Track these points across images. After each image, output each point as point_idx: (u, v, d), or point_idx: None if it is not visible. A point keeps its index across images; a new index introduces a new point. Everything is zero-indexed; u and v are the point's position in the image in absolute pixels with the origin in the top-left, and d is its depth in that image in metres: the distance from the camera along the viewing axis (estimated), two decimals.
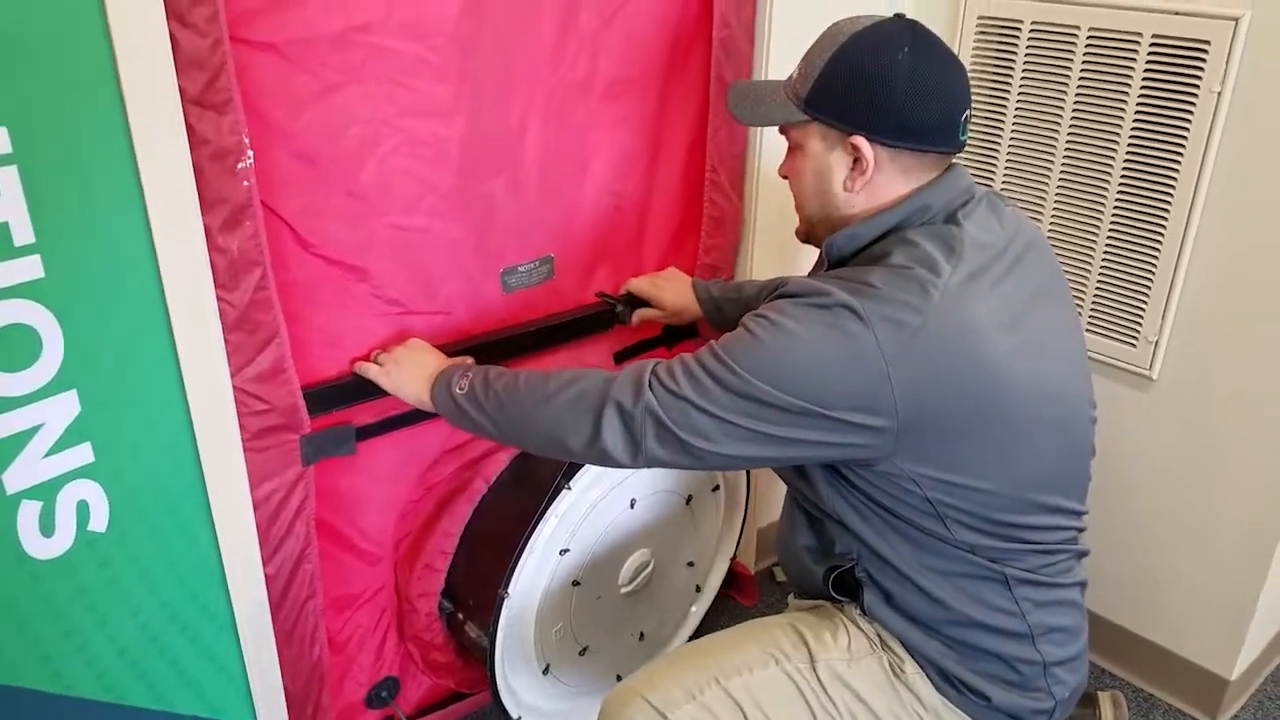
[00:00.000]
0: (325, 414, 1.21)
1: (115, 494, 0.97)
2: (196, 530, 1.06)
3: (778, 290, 0.98)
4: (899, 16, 1.00)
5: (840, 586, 1.08)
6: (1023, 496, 0.98)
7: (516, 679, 1.36)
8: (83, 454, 0.93)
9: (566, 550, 1.31)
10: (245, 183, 1.02)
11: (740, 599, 1.88)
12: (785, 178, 1.08)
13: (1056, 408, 0.99)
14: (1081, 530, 1.07)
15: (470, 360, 1.25)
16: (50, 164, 0.86)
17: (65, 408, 0.91)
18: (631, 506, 1.40)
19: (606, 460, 1.01)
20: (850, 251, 1.01)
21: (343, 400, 1.23)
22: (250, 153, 1.01)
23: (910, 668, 1.04)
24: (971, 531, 0.98)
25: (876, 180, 0.99)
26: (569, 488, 1.27)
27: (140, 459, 0.99)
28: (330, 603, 1.32)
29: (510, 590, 1.25)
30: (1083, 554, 1.08)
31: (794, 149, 1.05)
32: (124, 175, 0.92)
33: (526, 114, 1.27)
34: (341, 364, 1.23)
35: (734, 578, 1.81)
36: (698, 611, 1.66)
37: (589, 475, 1.29)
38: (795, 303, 0.94)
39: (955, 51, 1.02)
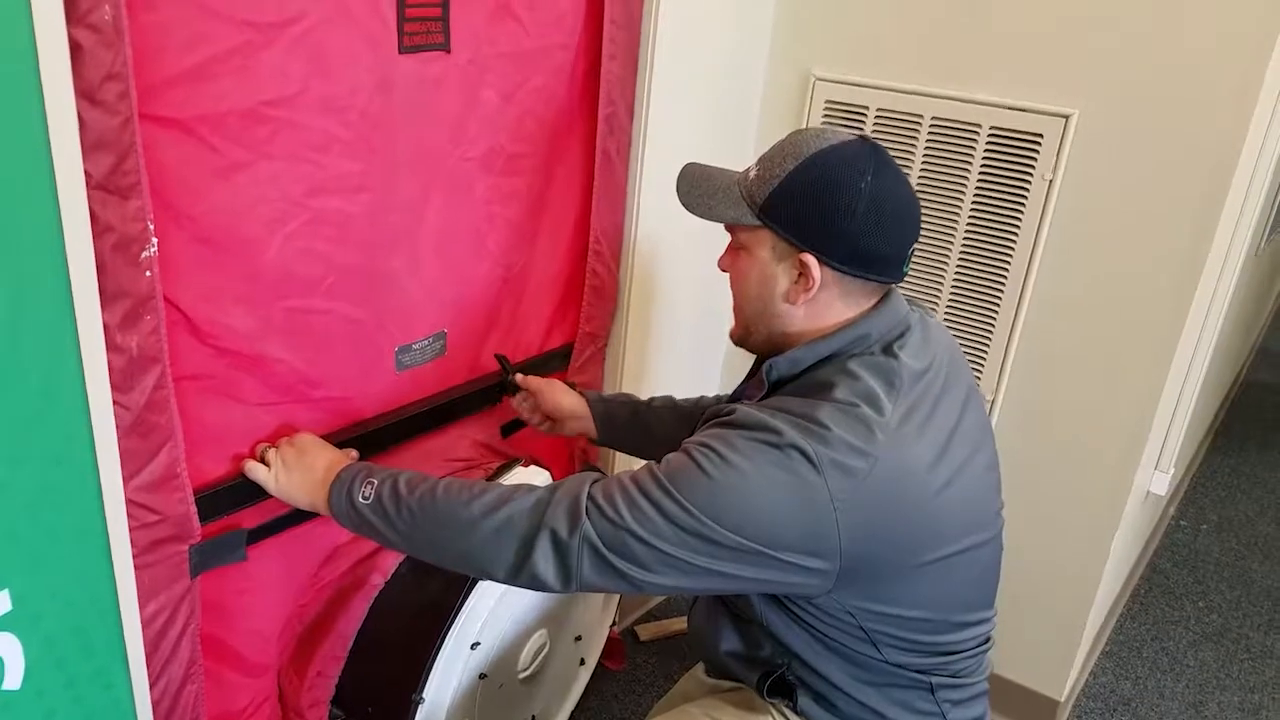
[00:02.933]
0: (215, 519, 1.13)
1: (31, 645, 0.85)
2: (113, 673, 0.96)
3: (721, 417, 0.97)
4: (863, 139, 1.01)
5: (774, 688, 1.10)
6: (950, 619, 1.03)
7: None
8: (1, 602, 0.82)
9: (478, 644, 1.29)
10: (148, 273, 0.94)
11: (609, 664, 1.91)
12: (724, 271, 1.09)
13: (980, 532, 1.03)
14: (993, 625, 1.13)
15: (355, 454, 1.19)
16: None
17: None
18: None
19: (534, 586, 0.97)
20: (790, 375, 1.02)
21: (234, 503, 1.15)
22: (155, 240, 0.94)
23: None
24: (901, 653, 1.02)
25: (819, 299, 1.01)
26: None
27: (59, 601, 0.88)
28: None
29: (425, 695, 1.21)
30: (990, 643, 1.14)
31: (738, 248, 1.06)
32: (56, 269, 0.83)
33: (429, 190, 1.26)
34: (231, 463, 1.15)
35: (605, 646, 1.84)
36: (579, 687, 1.68)
37: None
38: (745, 437, 0.93)
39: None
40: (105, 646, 0.96)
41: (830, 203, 0.97)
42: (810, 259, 0.98)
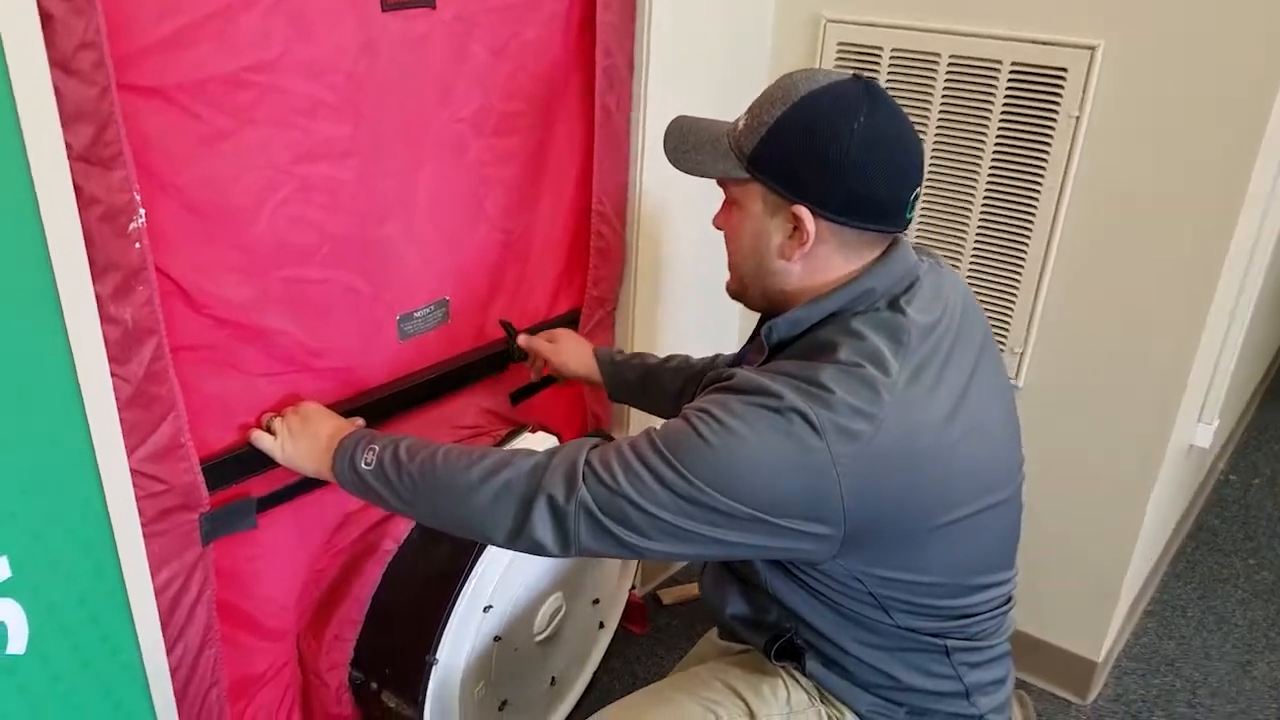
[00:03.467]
0: (223, 488, 1.15)
1: (34, 611, 0.88)
2: (120, 639, 0.98)
3: (721, 382, 0.95)
4: (857, 77, 0.96)
5: (781, 652, 1.10)
6: (964, 582, 1.01)
7: None
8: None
9: (490, 607, 1.30)
10: (137, 244, 0.95)
11: (632, 628, 1.93)
12: (719, 229, 1.06)
13: (997, 492, 0.99)
14: (1014, 585, 1.10)
15: (361, 422, 1.20)
16: None
17: None
18: None
19: (534, 550, 0.97)
20: (790, 336, 0.99)
21: (242, 472, 1.16)
22: (142, 211, 0.95)
23: None
24: (913, 617, 1.00)
25: (816, 253, 0.97)
26: None
27: (61, 568, 0.91)
28: (232, 686, 1.25)
29: (439, 657, 1.23)
30: (1012, 603, 1.11)
31: (730, 203, 1.03)
32: (33, 244, 0.84)
33: (420, 154, 1.26)
34: (237, 432, 1.16)
35: (625, 607, 1.85)
36: (600, 650, 1.69)
37: None
38: (744, 401, 0.90)
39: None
40: (111, 614, 0.99)
41: (821, 148, 0.93)
42: (803, 211, 0.94)
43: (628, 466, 0.92)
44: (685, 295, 1.81)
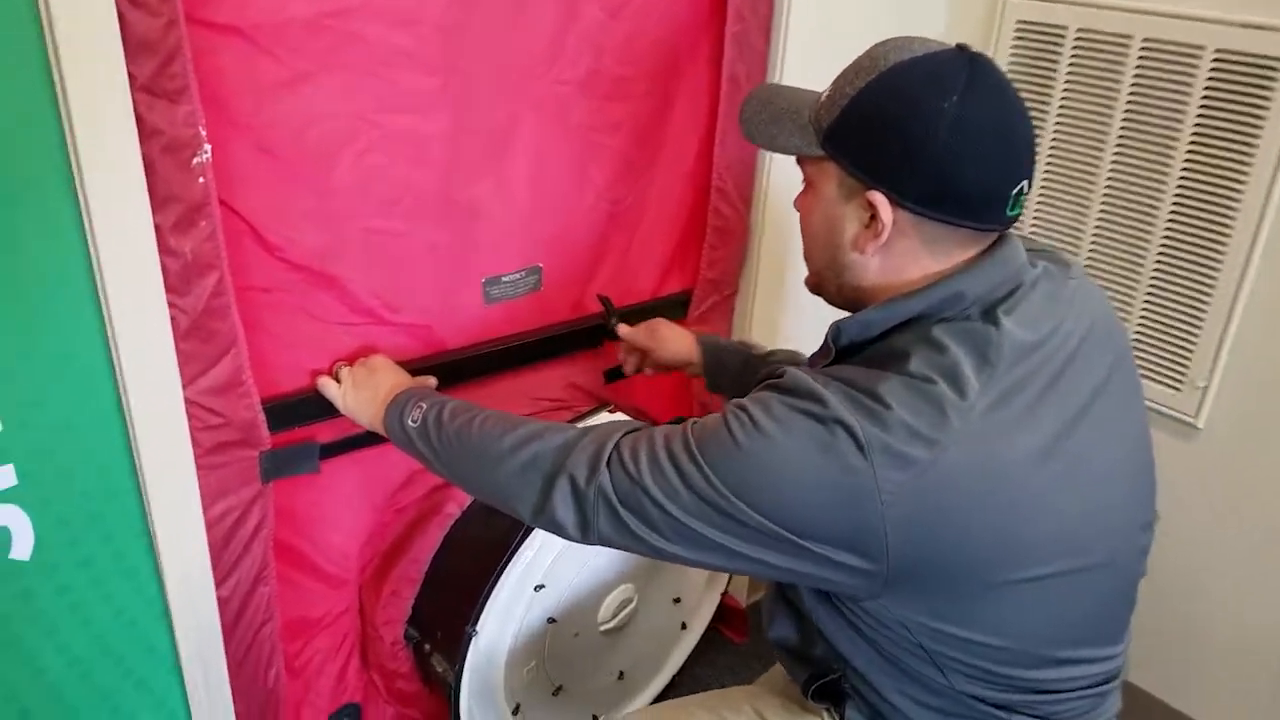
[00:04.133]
0: (287, 430, 1.17)
1: (41, 521, 0.92)
2: (136, 560, 1.02)
3: (772, 378, 0.85)
4: (962, 49, 0.83)
5: (821, 692, 0.99)
6: (1040, 653, 0.86)
7: (483, 716, 1.32)
8: (4, 477, 0.89)
9: (541, 586, 1.27)
10: (201, 179, 0.97)
11: (730, 635, 1.83)
12: (798, 210, 0.95)
13: (1093, 554, 0.85)
14: (1118, 664, 0.94)
15: (431, 382, 1.19)
16: None
17: None
18: None
19: (556, 531, 0.91)
20: (862, 340, 0.87)
21: (306, 416, 1.18)
22: (208, 146, 0.97)
23: None
24: (973, 682, 0.86)
25: (895, 247, 0.85)
26: None
27: (71, 483, 0.95)
28: (288, 626, 1.28)
29: (478, 628, 1.20)
30: (1114, 684, 0.95)
31: (807, 184, 0.91)
32: (55, 162, 0.87)
33: (518, 113, 1.22)
34: (306, 377, 1.18)
35: (724, 611, 1.76)
36: (682, 651, 1.61)
37: None
38: (786, 403, 0.80)
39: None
40: (126, 533, 1.01)
41: (903, 128, 0.81)
42: (880, 198, 0.82)
43: (654, 458, 0.85)
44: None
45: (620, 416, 1.35)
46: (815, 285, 0.97)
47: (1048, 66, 1.51)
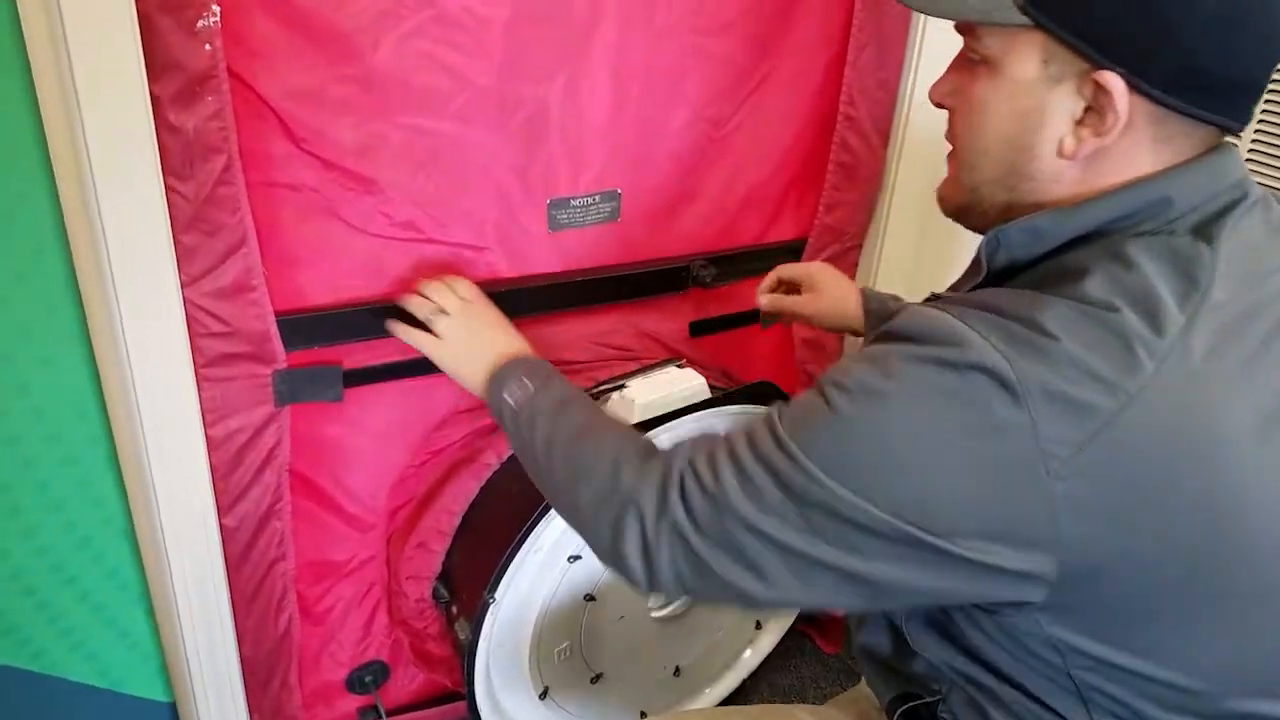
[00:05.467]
0: (306, 348, 1.05)
1: None
2: (90, 468, 0.92)
3: (884, 324, 0.67)
4: None
5: (909, 718, 0.79)
6: (1230, 706, 0.64)
7: (508, 697, 1.18)
8: None
9: (577, 558, 1.11)
10: (207, 46, 0.85)
11: (821, 643, 1.62)
12: (941, 105, 0.73)
13: None
14: None
15: (525, 349, 0.98)
16: None
17: None
18: None
19: (630, 578, 0.73)
20: (1026, 258, 0.67)
21: (329, 335, 1.06)
22: (215, 8, 0.84)
23: None
24: None
25: (1116, 148, 0.64)
26: None
27: (18, 378, 0.85)
28: (306, 567, 1.18)
29: (497, 596, 1.06)
30: None
31: (977, 65, 0.69)
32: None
33: (600, 2, 1.04)
34: (334, 292, 1.05)
35: (814, 616, 1.56)
36: (756, 653, 1.42)
37: None
38: (908, 353, 0.62)
39: None
40: (81, 437, 0.92)
41: None
42: (1114, 79, 0.61)
43: (736, 462, 0.67)
44: (961, 238, 1.42)
45: (690, 371, 1.16)
46: (964, 205, 0.74)
47: None
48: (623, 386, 1.12)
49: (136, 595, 1.03)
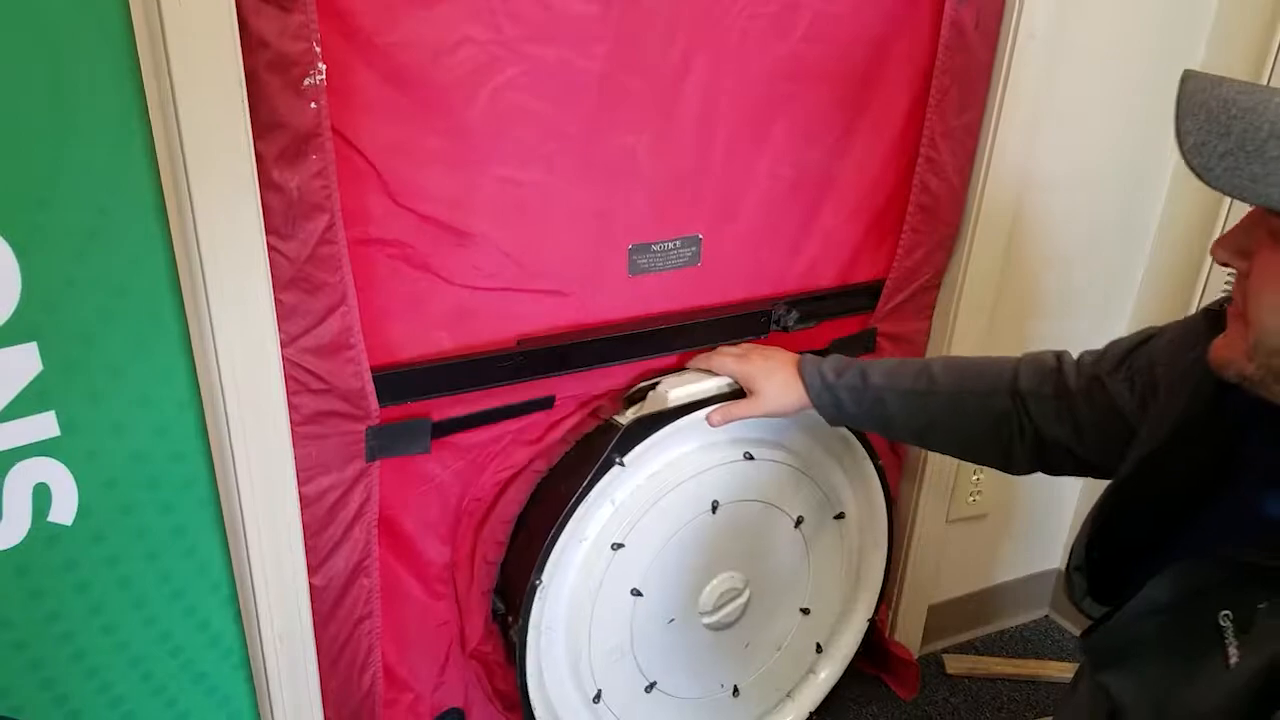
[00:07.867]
0: (398, 403, 1.04)
1: (86, 480, 0.81)
2: (197, 536, 0.91)
3: None
4: None
5: None
6: None
7: (558, 693, 1.18)
8: (43, 425, 0.78)
9: (620, 545, 1.12)
10: (313, 104, 0.85)
11: (895, 688, 1.60)
12: (1229, 265, 0.68)
13: None
14: None
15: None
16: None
17: (21, 363, 0.75)
18: (713, 511, 1.18)
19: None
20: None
21: (421, 390, 1.05)
22: (322, 66, 0.84)
23: None
24: None
25: None
26: (621, 463, 1.09)
27: (122, 440, 0.83)
28: (387, 624, 1.16)
29: (544, 579, 1.06)
30: None
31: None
32: (120, 63, 0.76)
33: (693, 51, 1.04)
34: (423, 345, 1.05)
35: (888, 659, 1.53)
36: (818, 682, 1.40)
37: (650, 457, 1.13)
38: None
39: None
40: (190, 504, 0.91)
41: None
42: None
43: None
44: (1046, 287, 1.42)
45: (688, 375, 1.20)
46: (1252, 375, 0.68)
47: None
48: (656, 384, 1.18)
49: (237, 662, 1.01)
